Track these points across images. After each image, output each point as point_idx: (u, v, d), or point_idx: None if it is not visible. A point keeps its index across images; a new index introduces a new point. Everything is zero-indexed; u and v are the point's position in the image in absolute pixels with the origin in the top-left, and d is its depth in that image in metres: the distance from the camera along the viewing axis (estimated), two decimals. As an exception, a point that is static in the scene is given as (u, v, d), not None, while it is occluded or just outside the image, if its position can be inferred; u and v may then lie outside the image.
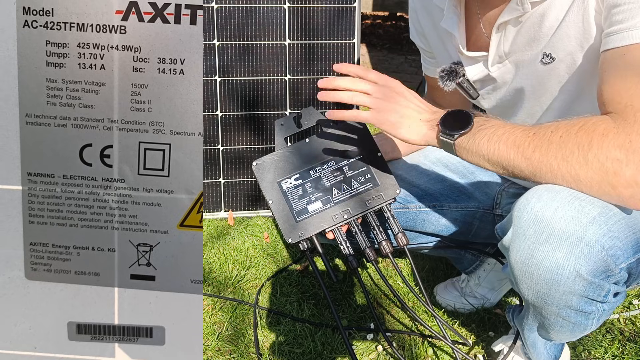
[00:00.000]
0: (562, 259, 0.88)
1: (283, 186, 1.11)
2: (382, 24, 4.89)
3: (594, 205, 0.87)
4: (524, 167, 0.90)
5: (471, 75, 1.20)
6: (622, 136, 0.82)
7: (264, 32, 1.89)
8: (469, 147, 0.96)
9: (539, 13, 1.04)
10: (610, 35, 0.92)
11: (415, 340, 1.41)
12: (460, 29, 1.19)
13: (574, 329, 0.97)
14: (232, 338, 1.42)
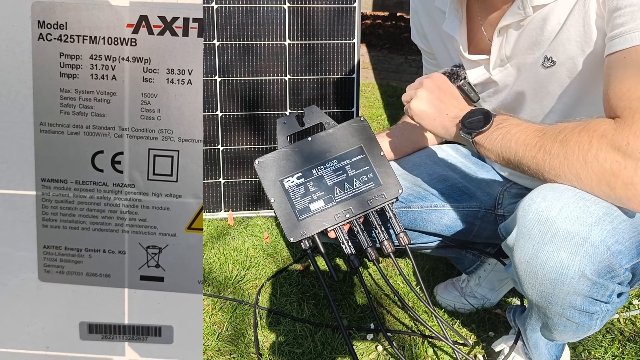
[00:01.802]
0: (567, 259, 0.88)
1: (285, 185, 1.10)
2: (382, 24, 4.90)
3: (599, 205, 0.88)
4: (531, 164, 0.91)
5: (472, 78, 1.20)
6: (620, 138, 0.82)
7: (264, 32, 1.89)
8: (485, 145, 0.98)
9: (541, 17, 1.05)
10: (612, 39, 0.93)
11: (416, 340, 1.41)
12: (461, 32, 1.19)
13: (577, 329, 0.98)
14: (232, 338, 1.42)
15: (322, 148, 1.13)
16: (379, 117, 2.99)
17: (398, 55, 4.09)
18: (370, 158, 1.13)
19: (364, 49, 4.18)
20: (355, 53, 1.94)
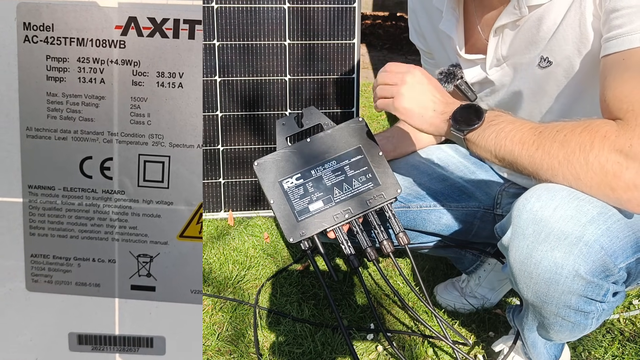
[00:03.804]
0: (561, 258, 0.88)
1: (284, 186, 1.11)
2: (382, 24, 4.90)
3: (593, 204, 0.87)
4: (527, 164, 0.91)
5: (469, 77, 1.20)
6: (623, 140, 0.82)
7: (264, 32, 1.88)
8: (478, 142, 0.97)
9: (537, 17, 1.05)
10: (609, 40, 0.92)
11: (416, 340, 1.41)
12: (458, 32, 1.20)
13: (573, 329, 0.97)
14: (232, 338, 1.42)
15: (321, 149, 1.14)
16: (378, 117, 2.98)
17: (398, 55, 4.08)
18: (369, 158, 1.13)
19: (364, 49, 4.17)
20: (355, 53, 1.93)
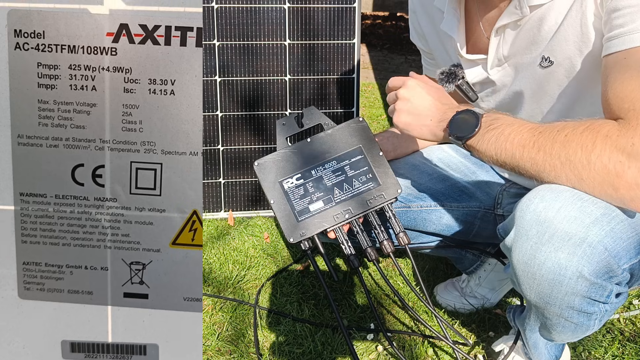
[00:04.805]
0: (565, 259, 0.88)
1: (284, 186, 1.11)
2: (382, 24, 4.89)
3: (597, 205, 0.87)
4: (529, 166, 0.90)
5: (470, 77, 1.20)
6: (625, 139, 0.82)
7: (264, 32, 1.88)
8: (478, 148, 0.97)
9: (538, 17, 1.05)
10: (611, 40, 0.92)
11: (416, 340, 1.41)
12: (459, 32, 1.20)
13: (576, 330, 0.97)
14: (232, 338, 1.43)
15: (321, 149, 1.14)
16: (379, 117, 2.98)
17: (398, 55, 4.08)
18: (369, 158, 1.13)
19: (364, 49, 4.17)
20: (355, 53, 1.93)
